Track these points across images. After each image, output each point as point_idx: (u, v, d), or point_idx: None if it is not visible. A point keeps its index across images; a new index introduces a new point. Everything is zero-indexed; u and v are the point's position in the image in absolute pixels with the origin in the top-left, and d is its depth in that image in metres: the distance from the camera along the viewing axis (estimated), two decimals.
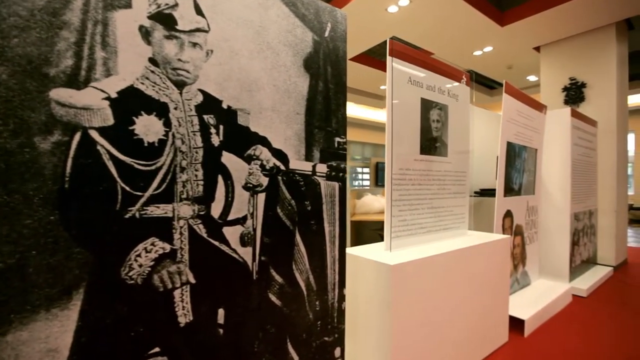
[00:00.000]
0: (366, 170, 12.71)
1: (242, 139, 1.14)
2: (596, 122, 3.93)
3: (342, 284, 1.42)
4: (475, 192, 3.29)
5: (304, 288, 1.30)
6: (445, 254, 1.70)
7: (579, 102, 4.23)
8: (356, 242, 4.06)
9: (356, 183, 12.81)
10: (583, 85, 4.20)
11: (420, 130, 1.85)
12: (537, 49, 4.74)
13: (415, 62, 1.81)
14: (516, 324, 2.32)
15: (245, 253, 1.15)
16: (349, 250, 1.69)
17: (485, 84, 7.02)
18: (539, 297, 2.73)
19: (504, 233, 2.63)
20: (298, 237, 1.28)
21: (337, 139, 1.40)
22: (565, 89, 4.35)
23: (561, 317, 2.63)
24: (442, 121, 1.99)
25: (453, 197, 2.11)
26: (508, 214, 2.71)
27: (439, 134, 1.98)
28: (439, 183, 1.99)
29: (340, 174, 1.40)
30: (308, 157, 1.30)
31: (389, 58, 1.67)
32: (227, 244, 1.11)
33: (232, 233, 1.11)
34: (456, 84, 2.11)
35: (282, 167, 1.23)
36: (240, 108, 1.13)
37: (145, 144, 0.95)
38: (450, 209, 2.10)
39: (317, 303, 1.34)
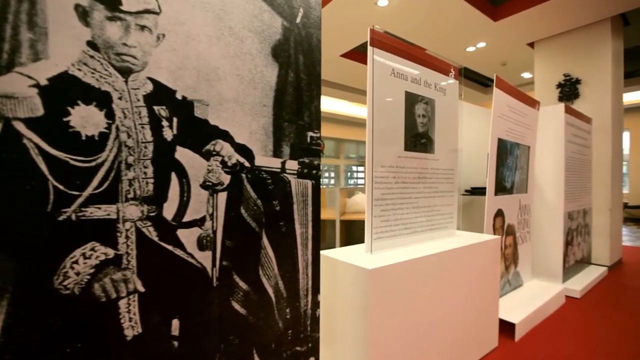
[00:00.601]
0: (361, 168, 12.63)
1: (199, 133, 1.03)
2: (591, 119, 3.85)
3: (316, 289, 1.33)
4: (466, 191, 3.20)
5: (272, 295, 1.20)
6: (430, 256, 1.61)
7: (574, 99, 4.15)
8: (346, 242, 3.97)
9: (352, 182, 12.73)
10: (577, 81, 4.12)
11: (405, 126, 1.76)
12: (531, 45, 4.65)
13: (399, 53, 1.71)
14: (507, 327, 2.24)
15: (204, 258, 1.05)
16: (326, 252, 1.59)
17: (479, 82, 6.94)
18: (531, 299, 2.64)
19: (494, 233, 2.54)
20: (265, 240, 1.18)
21: (310, 133, 1.30)
22: (559, 85, 4.26)
23: (554, 320, 2.55)
24: (428, 116, 1.90)
25: (440, 196, 2.02)
26: (499, 214, 2.62)
27: (425, 130, 1.88)
28: (425, 181, 1.90)
29: (314, 172, 1.30)
30: (276, 153, 1.20)
31: (369, 48, 1.58)
32: (182, 248, 1.01)
33: (187, 236, 1.01)
34: (444, 77, 2.01)
35: (247, 164, 1.13)
36: (198, 99, 1.03)
37: (83, 138, 0.85)
38: (438, 208, 2.01)
39: (287, 310, 1.25)
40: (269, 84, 1.18)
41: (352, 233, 4.07)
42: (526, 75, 6.25)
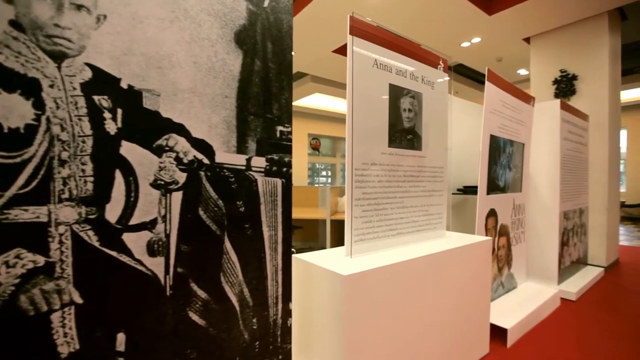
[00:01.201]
0: None
1: (149, 127, 0.93)
2: (587, 116, 3.75)
3: (287, 297, 1.23)
4: (458, 190, 3.10)
5: (236, 303, 1.10)
6: (415, 259, 1.51)
7: (570, 95, 4.05)
8: (337, 242, 3.87)
9: None
10: (574, 77, 4.02)
11: (389, 121, 1.66)
12: (527, 40, 4.55)
13: (383, 43, 1.61)
14: (498, 333, 2.14)
15: (155, 264, 0.94)
16: (301, 255, 1.49)
17: (474, 78, 6.83)
18: (524, 302, 2.55)
19: (487, 234, 2.45)
20: (228, 244, 1.08)
21: (280, 128, 1.20)
22: (555, 81, 4.16)
23: (548, 324, 2.45)
24: (415, 111, 1.80)
25: (429, 195, 1.92)
26: (492, 213, 2.52)
27: (411, 125, 1.78)
28: (412, 179, 1.80)
29: (284, 169, 1.20)
30: (241, 148, 1.10)
31: (349, 37, 1.47)
32: (129, 253, 0.90)
33: (135, 240, 0.91)
34: (432, 70, 1.91)
35: (206, 161, 1.03)
36: (147, 88, 0.92)
37: (5, 130, 0.74)
38: (426, 208, 1.91)
39: (254, 320, 1.15)
40: (231, 73, 1.08)
41: (344, 233, 3.96)
42: (522, 72, 6.15)
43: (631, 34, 4.62)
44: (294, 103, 9.26)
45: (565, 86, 4.06)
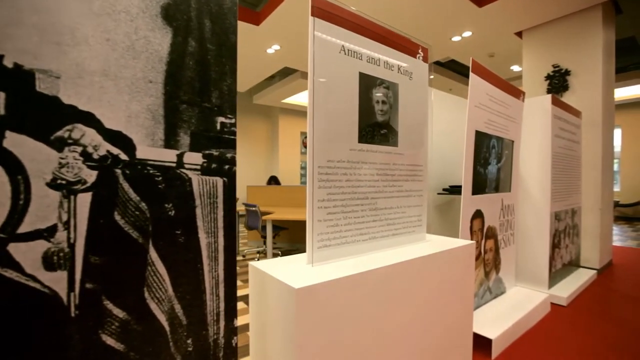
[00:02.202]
0: None
1: (45, 115, 0.77)
2: (580, 113, 3.62)
3: (231, 313, 1.07)
4: (444, 190, 2.96)
5: (165, 322, 0.95)
6: (387, 267, 1.36)
7: (563, 91, 3.92)
8: None
9: None
10: (567, 72, 3.88)
11: (359, 113, 1.50)
12: (520, 35, 4.41)
13: (351, 26, 1.45)
14: (483, 343, 2.00)
15: (55, 280, 0.79)
16: (258, 264, 1.34)
17: (466, 75, 6.69)
18: (512, 309, 2.41)
19: (472, 236, 2.30)
20: (153, 253, 0.92)
21: (221, 119, 1.04)
22: (548, 77, 4.02)
23: (536, 332, 2.31)
24: (389, 103, 1.64)
25: (406, 196, 1.77)
26: (478, 215, 2.38)
27: (385, 119, 1.63)
28: (387, 179, 1.65)
29: (226, 167, 1.04)
30: (170, 142, 0.94)
31: (310, 19, 1.32)
32: (18, 268, 0.74)
33: (26, 252, 0.75)
34: (410, 58, 1.76)
35: (123, 156, 0.87)
36: (42, 69, 0.76)
37: None
38: (403, 210, 1.75)
39: (188, 342, 0.99)
40: (157, 53, 0.92)
41: None
42: (516, 68, 6.01)
43: (626, 28, 4.49)
44: (285, 100, 9.10)
45: (557, 82, 3.92)
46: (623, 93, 7.76)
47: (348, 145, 1.46)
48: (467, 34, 4.56)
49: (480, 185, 2.39)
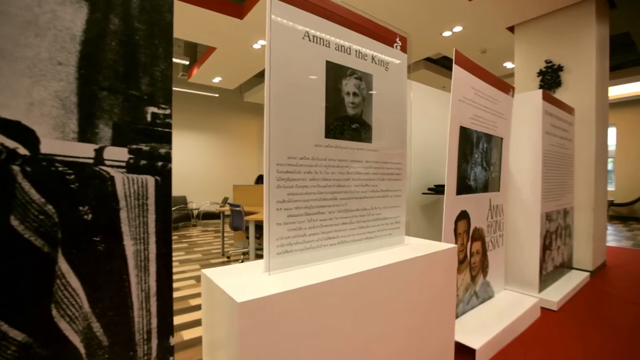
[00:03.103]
0: None
1: None
2: (573, 110, 3.50)
3: (165, 330, 0.94)
4: (430, 189, 2.83)
5: (79, 344, 0.82)
6: (353, 275, 1.23)
7: (556, 88, 3.80)
8: None
9: None
10: (560, 68, 3.77)
11: (326, 106, 1.37)
12: (512, 30, 4.29)
13: (316, 10, 1.33)
14: (467, 352, 1.88)
15: None
16: (209, 271, 1.21)
17: None
18: (500, 315, 2.29)
19: (457, 239, 2.18)
20: (64, 264, 0.79)
21: (152, 109, 0.91)
22: (540, 72, 3.91)
23: (525, 340, 2.20)
24: (362, 95, 1.52)
25: (382, 197, 1.64)
26: (463, 216, 2.26)
27: (357, 113, 1.50)
28: (359, 178, 1.52)
29: (159, 163, 0.91)
30: (86, 135, 0.81)
31: (267, 1, 1.19)
32: None
33: None
34: (386, 47, 1.63)
35: (22, 151, 0.74)
36: None
37: None
38: (378, 211, 1.63)
39: None
40: (68, 31, 0.79)
41: None
42: (509, 65, 5.90)
43: (620, 24, 4.38)
44: None
45: (550, 78, 3.81)
46: (619, 91, 7.67)
47: (313, 141, 1.33)
48: (457, 28, 4.44)
49: (466, 185, 2.27)
